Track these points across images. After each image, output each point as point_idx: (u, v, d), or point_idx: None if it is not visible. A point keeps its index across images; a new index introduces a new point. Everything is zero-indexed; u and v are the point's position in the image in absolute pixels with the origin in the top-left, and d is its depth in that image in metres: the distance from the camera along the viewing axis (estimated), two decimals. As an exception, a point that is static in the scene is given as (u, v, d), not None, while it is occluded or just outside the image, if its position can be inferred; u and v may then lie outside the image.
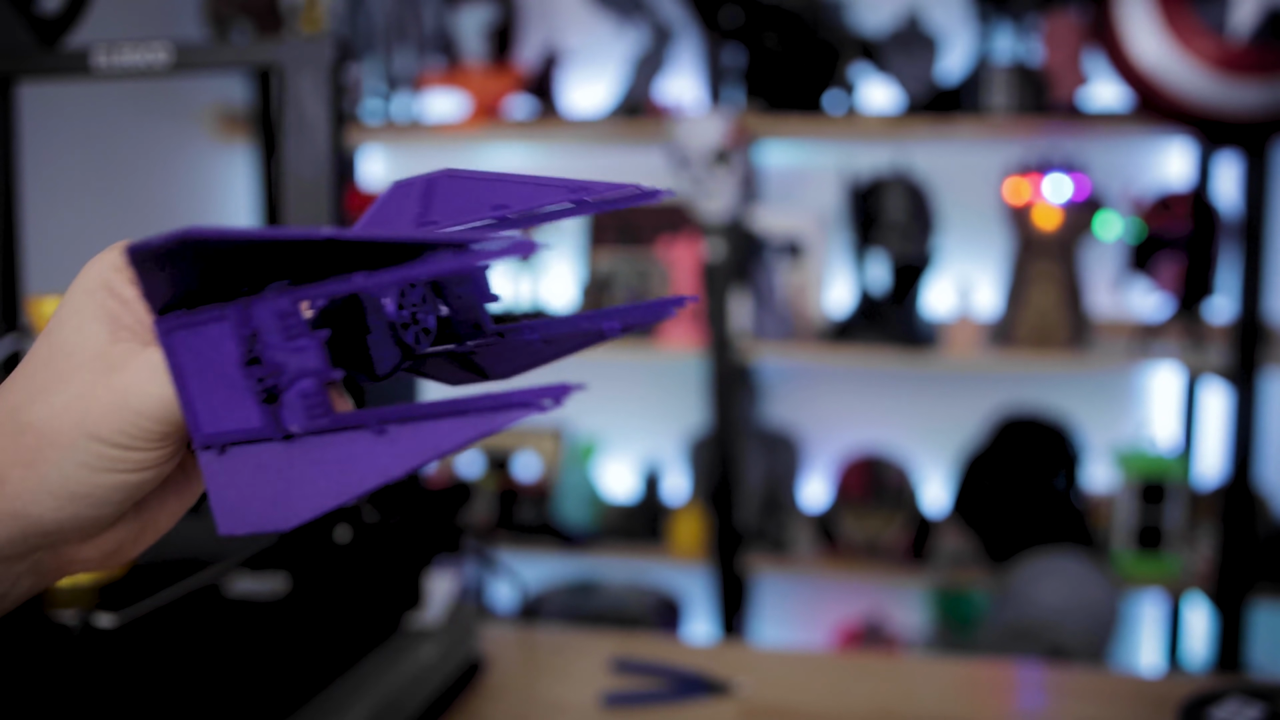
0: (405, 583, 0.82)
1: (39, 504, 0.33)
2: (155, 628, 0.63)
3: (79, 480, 0.33)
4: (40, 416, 0.33)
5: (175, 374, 0.33)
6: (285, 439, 0.33)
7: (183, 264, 0.32)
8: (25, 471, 0.33)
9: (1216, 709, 0.71)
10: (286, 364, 0.32)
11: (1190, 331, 1.97)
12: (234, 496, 0.33)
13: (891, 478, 2.15)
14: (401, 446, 0.31)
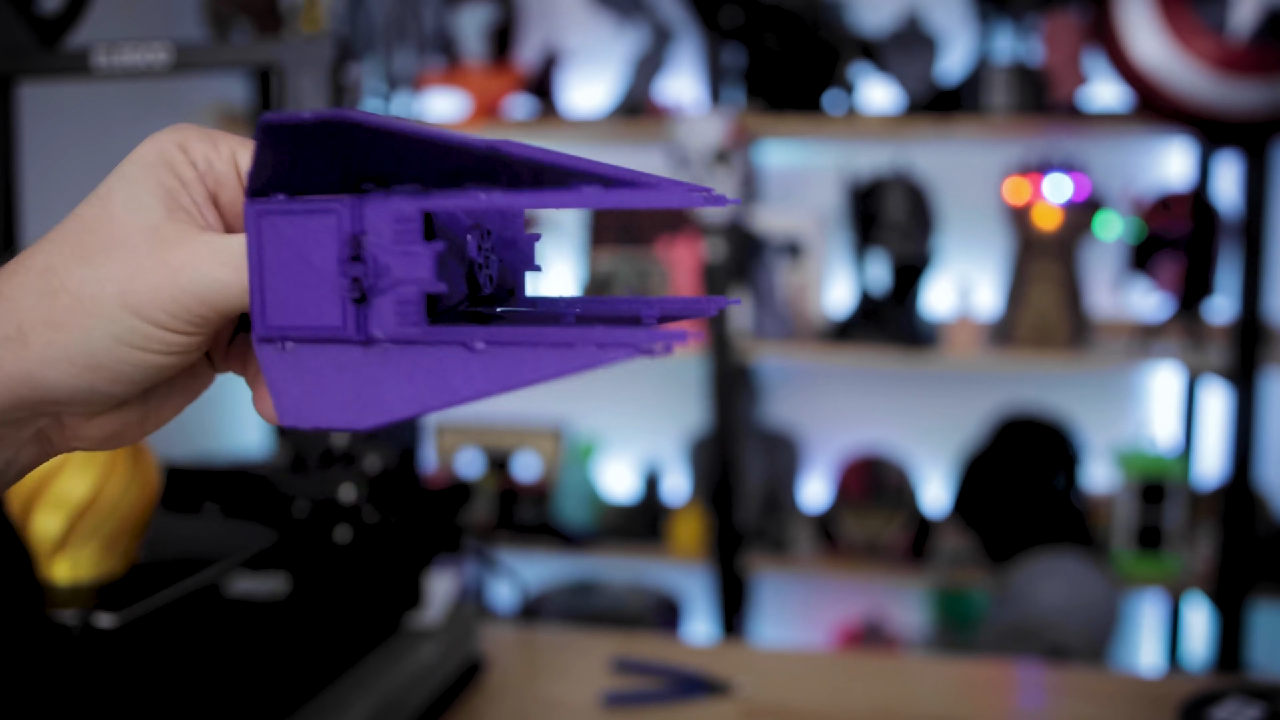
0: (405, 583, 0.82)
1: (55, 369, 0.32)
2: (155, 628, 0.63)
3: (105, 352, 0.32)
4: (79, 280, 0.32)
5: (254, 260, 0.32)
6: (364, 343, 0.32)
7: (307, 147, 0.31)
8: (52, 334, 0.32)
9: (1216, 709, 0.71)
10: (392, 267, 0.31)
11: (1190, 331, 1.97)
12: (299, 391, 0.32)
13: (891, 478, 2.15)
14: (499, 368, 0.31)
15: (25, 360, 0.32)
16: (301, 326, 0.32)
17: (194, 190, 0.33)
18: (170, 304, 0.32)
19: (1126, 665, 2.20)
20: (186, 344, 0.33)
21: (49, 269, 0.32)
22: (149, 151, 0.33)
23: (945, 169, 2.15)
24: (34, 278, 0.32)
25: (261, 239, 0.31)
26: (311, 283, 0.31)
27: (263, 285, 0.32)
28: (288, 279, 0.32)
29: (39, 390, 0.32)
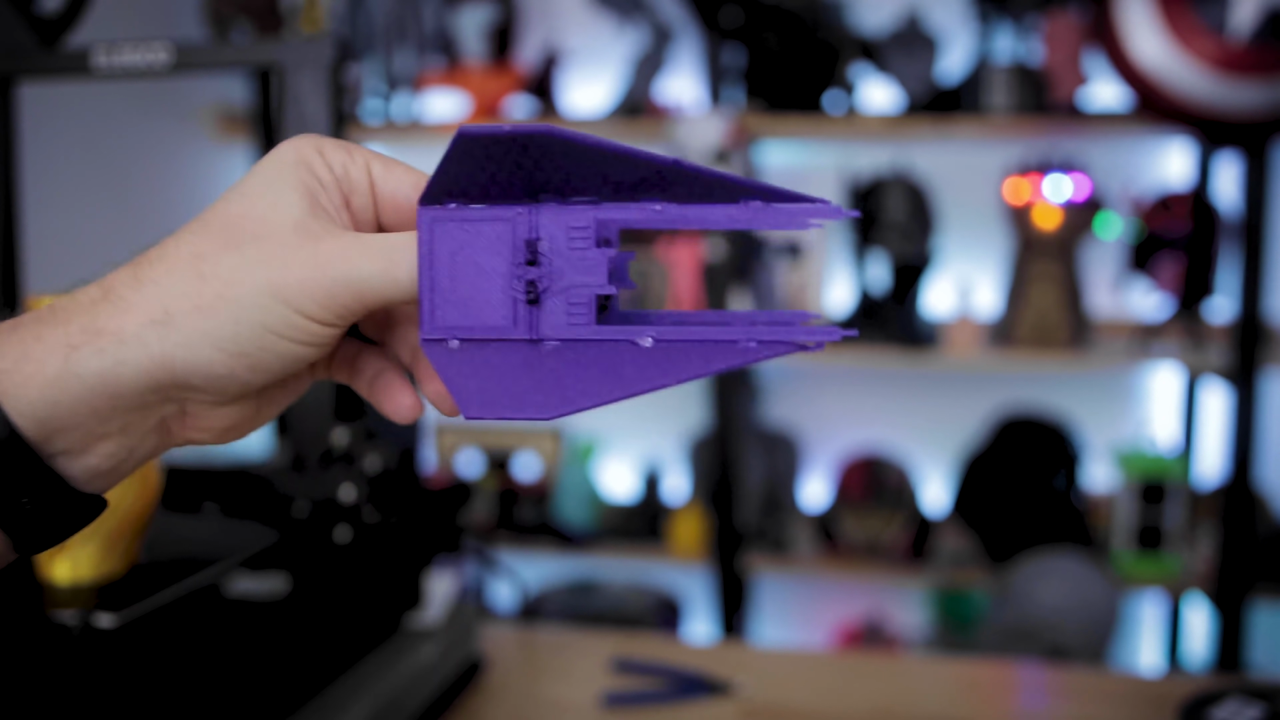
0: (405, 583, 0.82)
1: (200, 353, 0.33)
2: (155, 628, 0.63)
3: (251, 339, 0.33)
4: (229, 268, 0.32)
5: (425, 262, 0.33)
6: (532, 342, 0.33)
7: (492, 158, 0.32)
8: (200, 318, 0.32)
9: (1216, 709, 0.71)
10: (566, 271, 0.33)
11: (1190, 331, 1.97)
12: (476, 386, 0.34)
13: (891, 478, 2.15)
14: (666, 362, 0.32)
15: (169, 343, 0.32)
16: (469, 327, 0.34)
17: (331, 193, 0.35)
18: (321, 294, 0.33)
19: (1126, 665, 2.20)
20: (327, 335, 0.34)
21: (197, 255, 0.33)
22: (288, 153, 0.35)
23: (945, 169, 2.15)
24: (181, 263, 0.33)
25: (433, 243, 0.33)
26: (482, 285, 0.33)
27: (432, 287, 0.33)
28: (458, 282, 0.33)
29: (179, 374, 0.33)
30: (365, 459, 0.75)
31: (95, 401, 0.33)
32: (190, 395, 0.34)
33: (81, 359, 0.32)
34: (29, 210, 0.88)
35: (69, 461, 0.34)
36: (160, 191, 2.24)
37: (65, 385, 0.32)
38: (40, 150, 1.83)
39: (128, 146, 2.13)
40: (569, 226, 0.33)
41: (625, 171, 0.33)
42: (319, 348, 0.34)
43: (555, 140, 0.31)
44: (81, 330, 0.32)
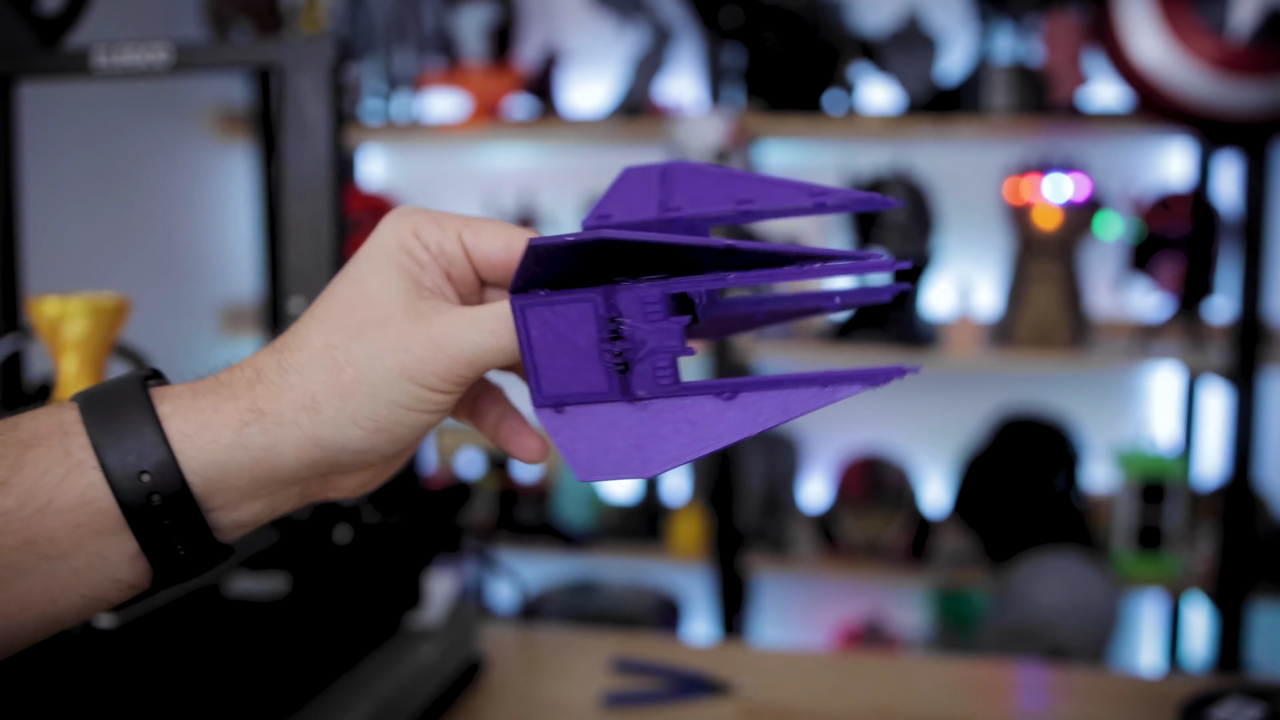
0: (405, 583, 0.82)
1: (345, 432, 0.37)
2: (155, 628, 0.63)
3: (386, 415, 0.38)
4: (359, 356, 0.37)
5: (524, 342, 0.37)
6: (633, 401, 0.37)
7: (579, 258, 0.36)
8: (341, 402, 0.37)
9: (1216, 709, 0.71)
10: (647, 341, 0.37)
11: (1190, 331, 1.97)
12: (584, 448, 0.38)
13: (891, 478, 2.15)
14: (749, 413, 0.36)
15: (319, 425, 0.37)
16: (574, 394, 0.38)
17: (431, 271, 0.40)
18: (441, 369, 0.38)
19: (1126, 665, 2.20)
20: (449, 402, 0.39)
21: (330, 346, 0.38)
22: (388, 239, 0.40)
23: (945, 169, 2.15)
24: (318, 354, 0.38)
25: (528, 326, 0.37)
26: (577, 358, 0.37)
27: (534, 363, 0.38)
28: (555, 356, 0.38)
29: (329, 452, 0.38)
30: (365, 459, 0.75)
31: (256, 471, 0.37)
32: (338, 469, 0.39)
33: (250, 435, 0.37)
34: (29, 210, 0.88)
35: (219, 516, 0.38)
36: (160, 191, 2.24)
37: (233, 455, 0.37)
38: (40, 150, 1.83)
39: (128, 146, 2.13)
40: (643, 301, 0.37)
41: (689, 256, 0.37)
42: (443, 413, 0.39)
43: (612, 244, 0.35)
44: (249, 408, 0.37)
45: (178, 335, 2.26)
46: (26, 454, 0.36)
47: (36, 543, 0.36)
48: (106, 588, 0.37)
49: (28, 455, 0.36)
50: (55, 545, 0.36)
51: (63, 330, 0.61)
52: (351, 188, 2.32)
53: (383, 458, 0.39)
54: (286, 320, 0.76)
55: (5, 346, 0.77)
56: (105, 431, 0.36)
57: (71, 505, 0.36)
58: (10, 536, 0.35)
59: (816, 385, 0.36)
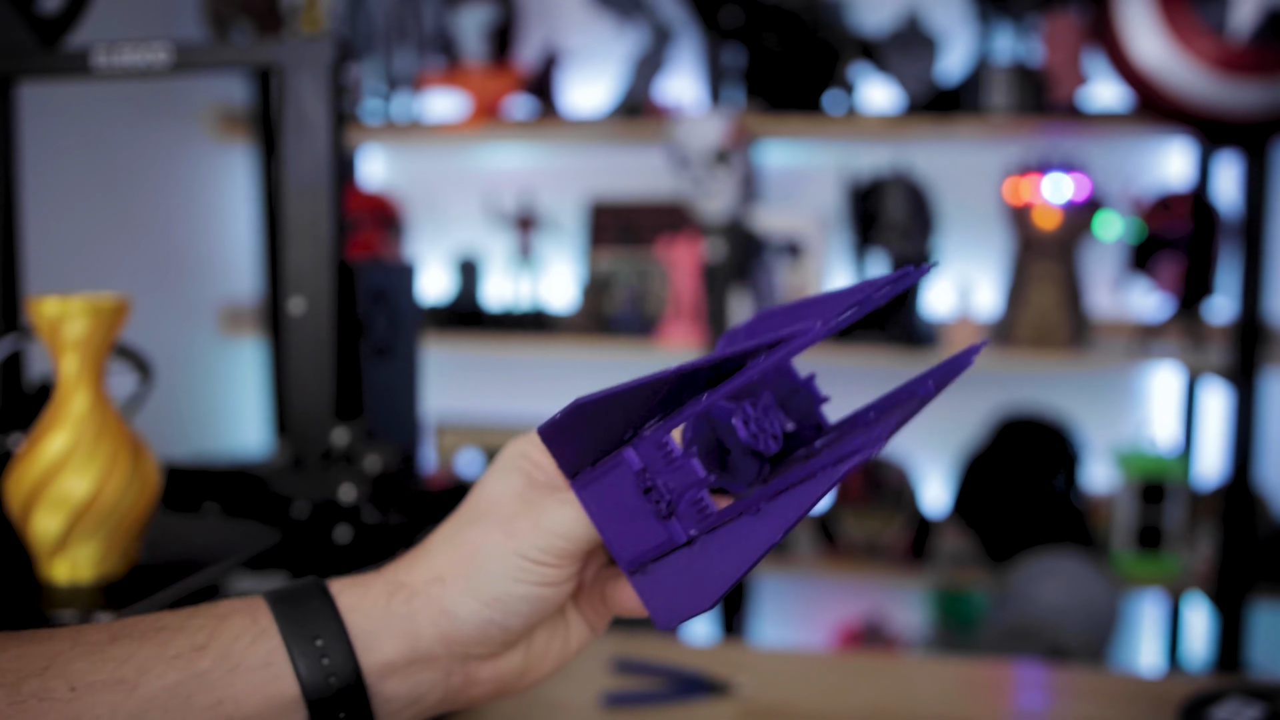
0: (405, 583, 0.82)
1: (465, 605, 0.43)
2: (155, 628, 0.62)
3: (500, 587, 0.43)
4: (475, 534, 0.44)
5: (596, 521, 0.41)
6: (688, 543, 0.41)
7: (579, 427, 0.40)
8: (460, 577, 0.43)
9: (1216, 709, 0.71)
10: (672, 483, 0.40)
11: (1190, 331, 1.97)
12: (663, 599, 0.41)
13: (891, 478, 2.15)
14: (775, 518, 0.39)
15: (445, 599, 0.43)
16: (646, 551, 0.41)
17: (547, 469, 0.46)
18: (543, 542, 0.42)
19: (1126, 665, 2.20)
20: (557, 575, 0.43)
21: (454, 532, 0.45)
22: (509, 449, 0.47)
23: (945, 169, 2.15)
24: (444, 539, 0.45)
25: (590, 505, 0.42)
26: (634, 518, 0.41)
27: (609, 535, 0.41)
28: (620, 523, 0.41)
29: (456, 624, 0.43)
30: (365, 459, 0.75)
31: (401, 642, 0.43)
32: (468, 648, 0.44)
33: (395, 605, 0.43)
34: (29, 210, 0.88)
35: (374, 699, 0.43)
36: (160, 191, 2.24)
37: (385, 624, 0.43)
38: (40, 150, 1.83)
39: (128, 146, 2.13)
40: (657, 447, 0.40)
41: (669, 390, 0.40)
42: (555, 587, 0.43)
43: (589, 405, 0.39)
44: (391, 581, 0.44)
45: (178, 335, 2.26)
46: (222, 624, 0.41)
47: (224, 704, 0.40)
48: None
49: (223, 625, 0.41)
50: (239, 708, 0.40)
51: (63, 330, 0.61)
52: (351, 188, 2.32)
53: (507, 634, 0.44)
54: (287, 320, 0.76)
55: (5, 346, 0.77)
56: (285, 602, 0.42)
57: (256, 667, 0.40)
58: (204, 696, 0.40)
59: (820, 474, 0.38)
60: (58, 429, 0.61)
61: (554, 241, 2.36)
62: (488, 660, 0.45)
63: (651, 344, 2.14)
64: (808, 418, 0.47)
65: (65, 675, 0.39)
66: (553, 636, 0.47)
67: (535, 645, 0.46)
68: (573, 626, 0.48)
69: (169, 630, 0.41)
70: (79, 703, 0.38)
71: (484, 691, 0.45)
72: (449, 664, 0.44)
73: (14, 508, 0.62)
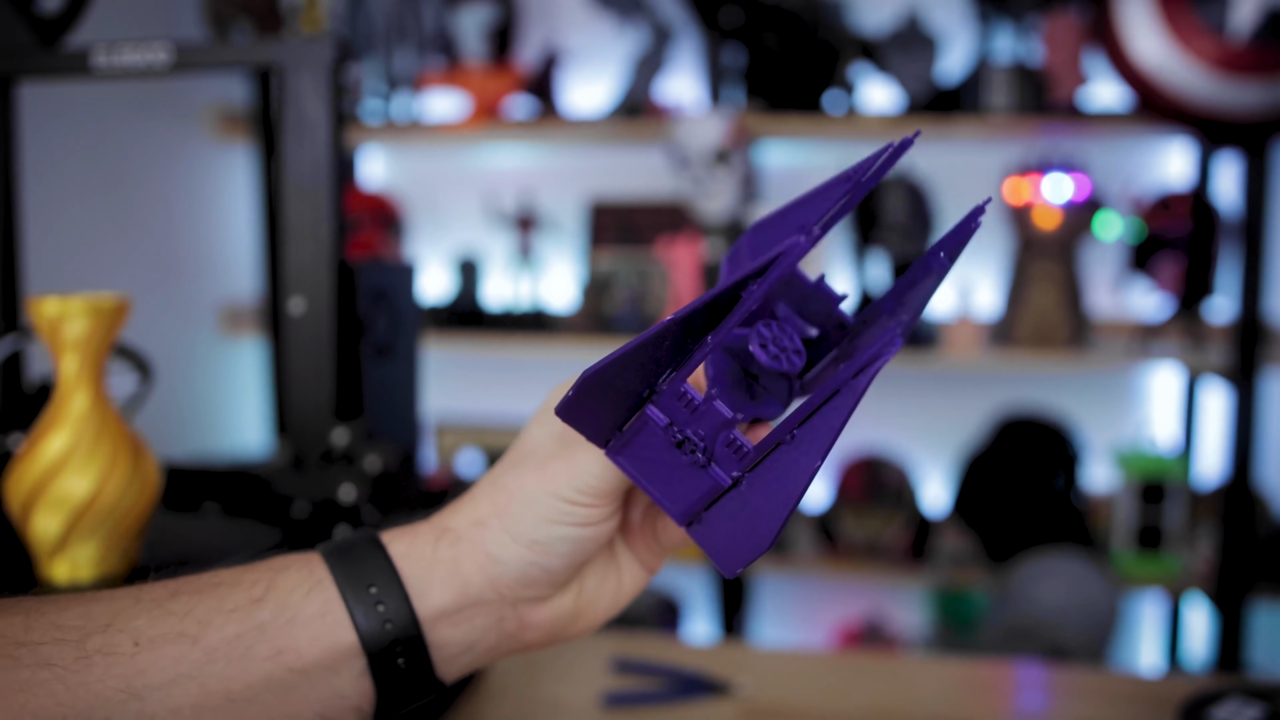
0: (405, 583, 0.82)
1: (506, 548, 0.43)
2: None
3: (537, 529, 0.43)
4: (512, 480, 0.44)
5: (639, 480, 0.41)
6: (734, 485, 0.40)
7: (594, 398, 0.39)
8: (499, 519, 0.43)
9: (1216, 709, 0.71)
10: (702, 430, 0.40)
11: (1190, 331, 1.97)
12: (722, 547, 0.40)
13: (891, 478, 2.15)
14: (811, 443, 0.38)
15: (487, 541, 0.43)
16: (696, 500, 0.40)
17: None
18: (577, 482, 0.42)
19: (1126, 665, 2.20)
20: (593, 515, 0.43)
21: (494, 478, 0.45)
22: (550, 397, 0.45)
23: (945, 169, 2.15)
24: (484, 486, 0.45)
25: (629, 469, 0.41)
26: (677, 472, 0.40)
27: (654, 493, 0.41)
28: (663, 479, 0.40)
29: (498, 566, 0.43)
30: (365, 459, 0.75)
31: (451, 584, 0.43)
32: (514, 591, 0.44)
33: (441, 549, 0.44)
34: (29, 210, 0.88)
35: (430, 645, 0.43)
36: (160, 191, 2.24)
37: (433, 570, 0.43)
38: (40, 150, 1.83)
39: (128, 146, 2.13)
40: (677, 398, 0.40)
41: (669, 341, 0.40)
42: (593, 526, 0.43)
43: (599, 374, 0.38)
44: (436, 526, 0.45)
45: (178, 335, 2.26)
46: (278, 576, 0.42)
47: (284, 654, 0.41)
48: (336, 705, 0.42)
49: (279, 577, 0.42)
50: (299, 657, 0.41)
51: (63, 330, 0.61)
52: (351, 188, 2.32)
53: (550, 576, 0.44)
54: (287, 320, 0.76)
55: (5, 346, 0.77)
56: (339, 554, 0.43)
57: (313, 617, 0.41)
58: (265, 647, 0.40)
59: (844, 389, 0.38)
60: (58, 429, 0.61)
61: (554, 241, 2.36)
62: (538, 604, 0.45)
63: (651, 344, 2.14)
64: (829, 319, 0.45)
65: (128, 630, 0.39)
66: (605, 578, 0.47)
67: (587, 588, 0.46)
68: (625, 568, 0.48)
69: (226, 585, 0.42)
70: (143, 656, 0.39)
71: (538, 636, 0.45)
72: (499, 608, 0.44)
73: (14, 508, 0.62)
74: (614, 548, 0.48)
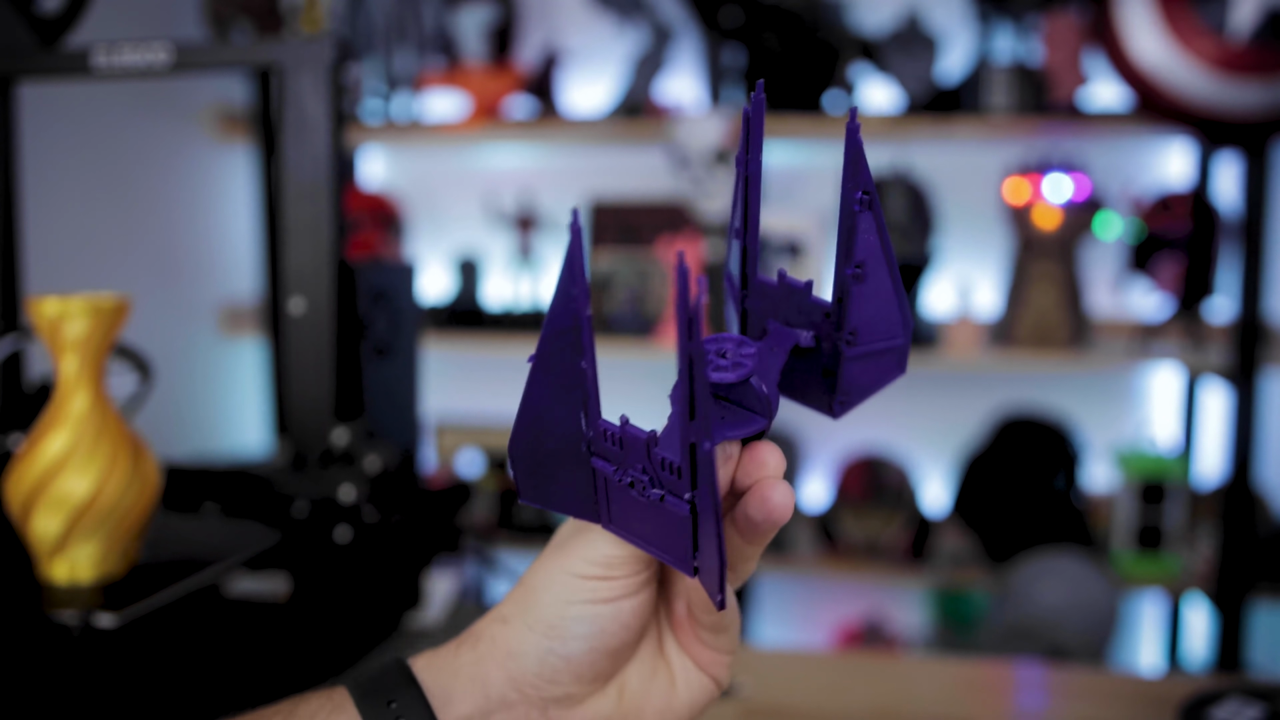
0: (405, 583, 0.82)
1: (525, 639, 0.42)
2: (155, 628, 0.63)
3: (552, 611, 0.41)
4: (536, 571, 0.43)
5: (637, 544, 0.39)
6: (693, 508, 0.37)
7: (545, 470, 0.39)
8: (521, 612, 0.42)
9: (1216, 709, 0.71)
10: (639, 463, 0.37)
11: (1190, 331, 1.97)
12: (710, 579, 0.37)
13: (891, 478, 2.15)
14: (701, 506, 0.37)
15: (508, 637, 0.42)
16: (687, 541, 0.37)
17: None
18: (591, 555, 0.41)
19: (1126, 665, 2.20)
20: (609, 590, 0.41)
21: (521, 575, 0.44)
22: None
23: (945, 169, 2.15)
24: (516, 585, 0.44)
25: (622, 533, 0.39)
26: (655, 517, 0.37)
27: (657, 549, 0.38)
28: (651, 533, 0.38)
29: (518, 661, 0.42)
30: (365, 459, 0.75)
31: (472, 689, 0.42)
32: (536, 688, 0.42)
33: (463, 654, 0.43)
34: (29, 210, 0.88)
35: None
36: (160, 191, 2.24)
37: (456, 677, 0.42)
38: (40, 150, 1.83)
39: (128, 146, 2.13)
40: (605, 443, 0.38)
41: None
42: (607, 603, 0.41)
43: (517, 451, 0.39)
44: (464, 636, 0.44)
45: (178, 335, 2.26)
46: (298, 706, 0.43)
47: None
48: None
49: (299, 706, 0.43)
50: None
51: (63, 330, 0.61)
52: (351, 188, 2.32)
53: (567, 663, 0.41)
54: (287, 320, 0.76)
55: (5, 346, 0.77)
56: (361, 676, 0.43)
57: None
58: None
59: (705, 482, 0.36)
60: (58, 429, 0.61)
61: (554, 241, 2.36)
62: (571, 706, 0.42)
63: (651, 344, 2.14)
64: (814, 314, 0.44)
65: None
66: (652, 679, 0.44)
67: (630, 689, 0.44)
68: (678, 670, 0.44)
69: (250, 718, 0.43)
70: None
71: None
72: (526, 711, 0.42)
73: (14, 508, 0.62)
74: (663, 646, 0.45)
